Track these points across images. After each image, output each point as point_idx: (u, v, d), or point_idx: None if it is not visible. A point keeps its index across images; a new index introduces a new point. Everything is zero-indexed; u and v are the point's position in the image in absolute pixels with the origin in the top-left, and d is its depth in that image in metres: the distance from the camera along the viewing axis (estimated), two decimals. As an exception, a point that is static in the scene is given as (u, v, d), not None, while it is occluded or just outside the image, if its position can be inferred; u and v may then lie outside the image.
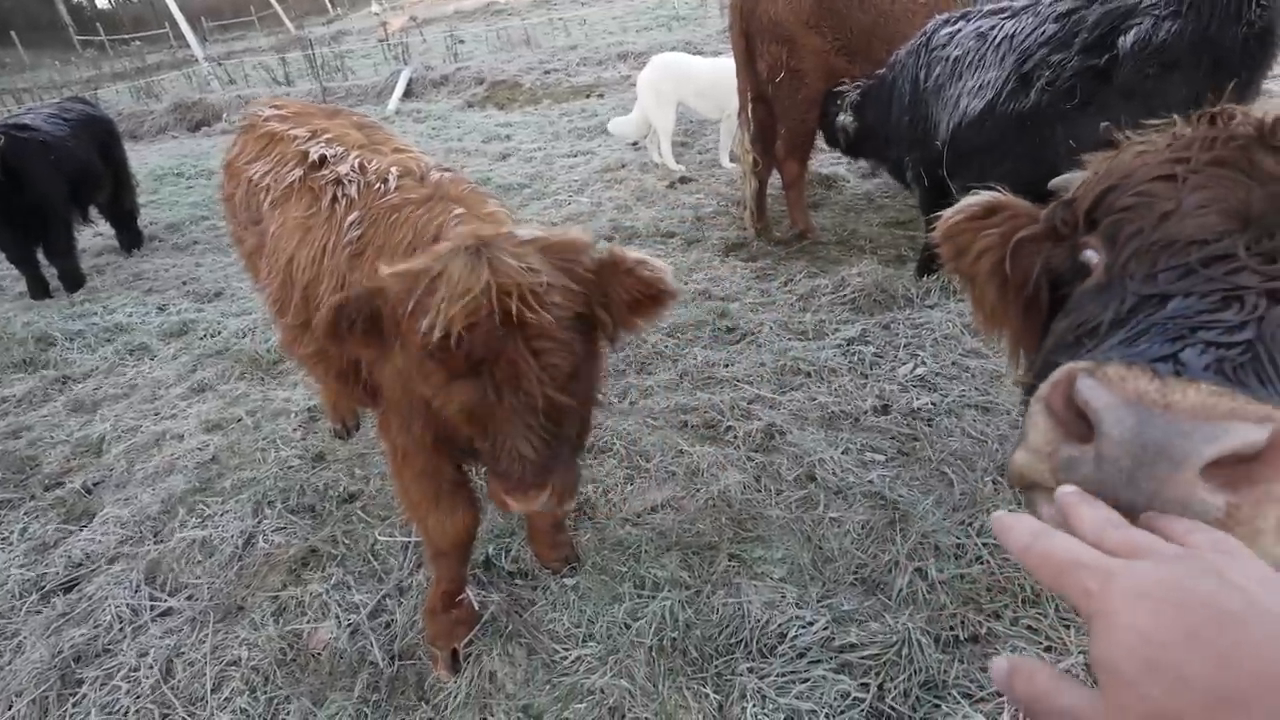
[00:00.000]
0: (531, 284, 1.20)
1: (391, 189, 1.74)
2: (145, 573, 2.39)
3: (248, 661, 2.02)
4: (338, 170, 1.86)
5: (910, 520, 2.15)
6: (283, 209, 1.96)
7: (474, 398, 1.23)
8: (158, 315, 4.43)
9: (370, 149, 1.98)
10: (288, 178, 1.97)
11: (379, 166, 1.83)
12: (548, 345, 1.22)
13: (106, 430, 3.25)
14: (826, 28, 3.58)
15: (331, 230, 1.79)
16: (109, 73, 16.67)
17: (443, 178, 1.77)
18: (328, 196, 1.84)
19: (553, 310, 1.22)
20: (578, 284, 1.28)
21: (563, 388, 1.26)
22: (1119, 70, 2.19)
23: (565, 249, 1.30)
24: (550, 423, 1.27)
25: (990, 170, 2.73)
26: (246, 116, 2.36)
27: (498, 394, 1.22)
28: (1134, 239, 0.73)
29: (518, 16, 15.16)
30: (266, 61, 14.02)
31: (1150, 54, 2.13)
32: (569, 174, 6.07)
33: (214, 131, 10.87)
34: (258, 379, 3.55)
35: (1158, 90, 2.16)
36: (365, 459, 2.82)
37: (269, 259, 2.03)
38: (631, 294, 1.33)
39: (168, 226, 6.31)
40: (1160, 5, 2.12)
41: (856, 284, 3.41)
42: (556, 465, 1.31)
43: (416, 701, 1.89)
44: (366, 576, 2.27)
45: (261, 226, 2.08)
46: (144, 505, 2.70)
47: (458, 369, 1.21)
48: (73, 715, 1.96)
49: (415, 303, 1.23)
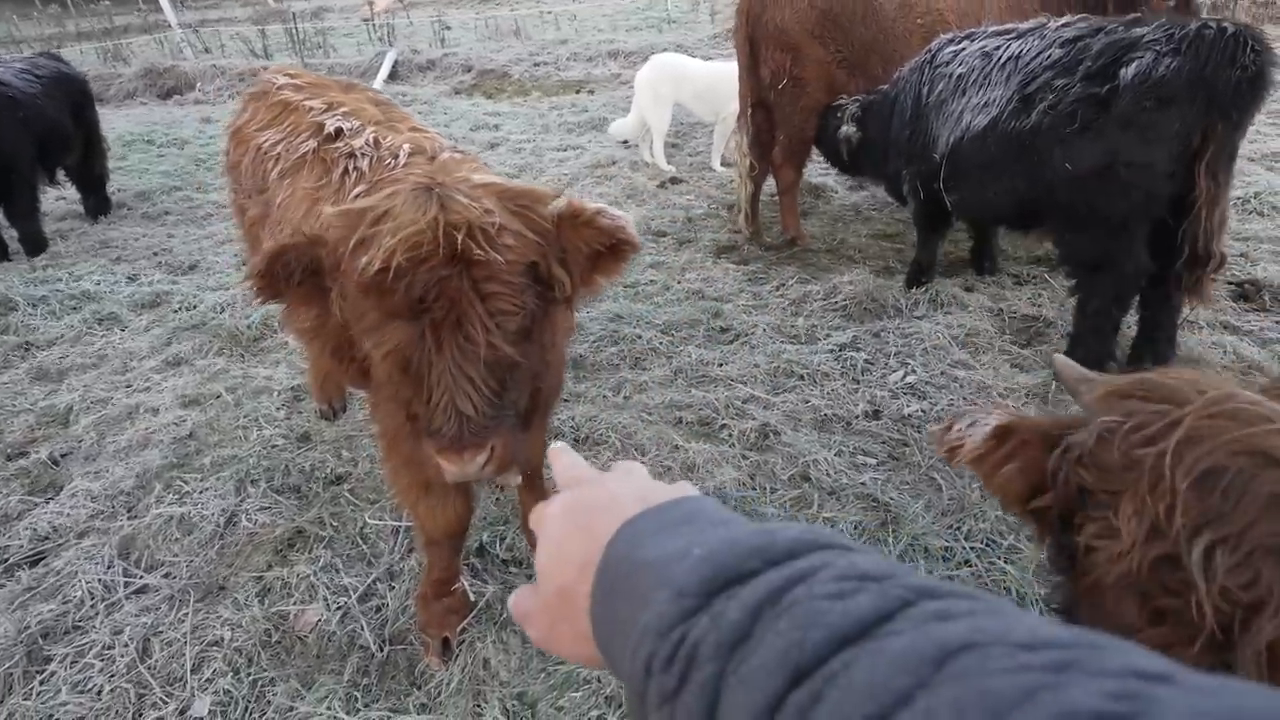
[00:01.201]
0: (483, 222, 1.11)
1: (400, 165, 1.72)
2: (119, 548, 2.30)
3: (230, 642, 1.96)
4: (352, 144, 1.83)
5: (901, 523, 2.21)
6: (293, 179, 1.91)
7: (409, 341, 1.12)
8: (128, 285, 4.26)
9: (387, 125, 1.95)
10: (300, 148, 1.92)
11: (393, 143, 1.81)
12: (496, 289, 1.12)
13: (74, 400, 3.11)
14: (830, 39, 3.65)
15: (338, 203, 1.76)
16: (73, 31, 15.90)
17: (450, 158, 1.75)
18: (339, 169, 1.80)
19: (505, 253, 1.12)
20: (534, 233, 1.19)
21: (510, 339, 1.16)
22: (1118, 100, 2.29)
23: (523, 196, 1.22)
24: (493, 379, 1.16)
25: (988, 185, 2.82)
26: (257, 82, 2.30)
27: (437, 338, 1.11)
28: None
29: (507, 6, 14.99)
30: (244, 33, 13.59)
31: (1149, 88, 2.23)
32: (559, 167, 6.04)
33: (186, 100, 10.49)
34: (237, 355, 3.45)
35: (1153, 123, 2.26)
36: (353, 441, 2.76)
37: (273, 229, 1.98)
38: (591, 245, 1.25)
39: (137, 195, 6.06)
40: (1161, 42, 2.22)
41: (848, 291, 3.48)
42: (498, 428, 1.19)
43: (408, 687, 1.86)
44: (356, 560, 2.22)
45: (266, 196, 2.02)
46: (116, 479, 2.60)
47: (395, 308, 1.11)
48: (40, 693, 1.87)
49: (357, 240, 1.13)
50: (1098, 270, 2.60)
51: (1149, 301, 2.68)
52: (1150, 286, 2.61)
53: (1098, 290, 2.63)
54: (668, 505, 0.51)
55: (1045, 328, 3.18)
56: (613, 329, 3.35)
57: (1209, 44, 2.14)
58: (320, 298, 1.27)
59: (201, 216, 5.51)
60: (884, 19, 3.61)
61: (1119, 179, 2.40)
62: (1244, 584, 0.62)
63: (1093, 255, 2.60)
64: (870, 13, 3.59)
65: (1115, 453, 0.75)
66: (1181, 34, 2.24)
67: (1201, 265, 2.43)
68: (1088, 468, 0.78)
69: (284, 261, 1.22)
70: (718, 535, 0.44)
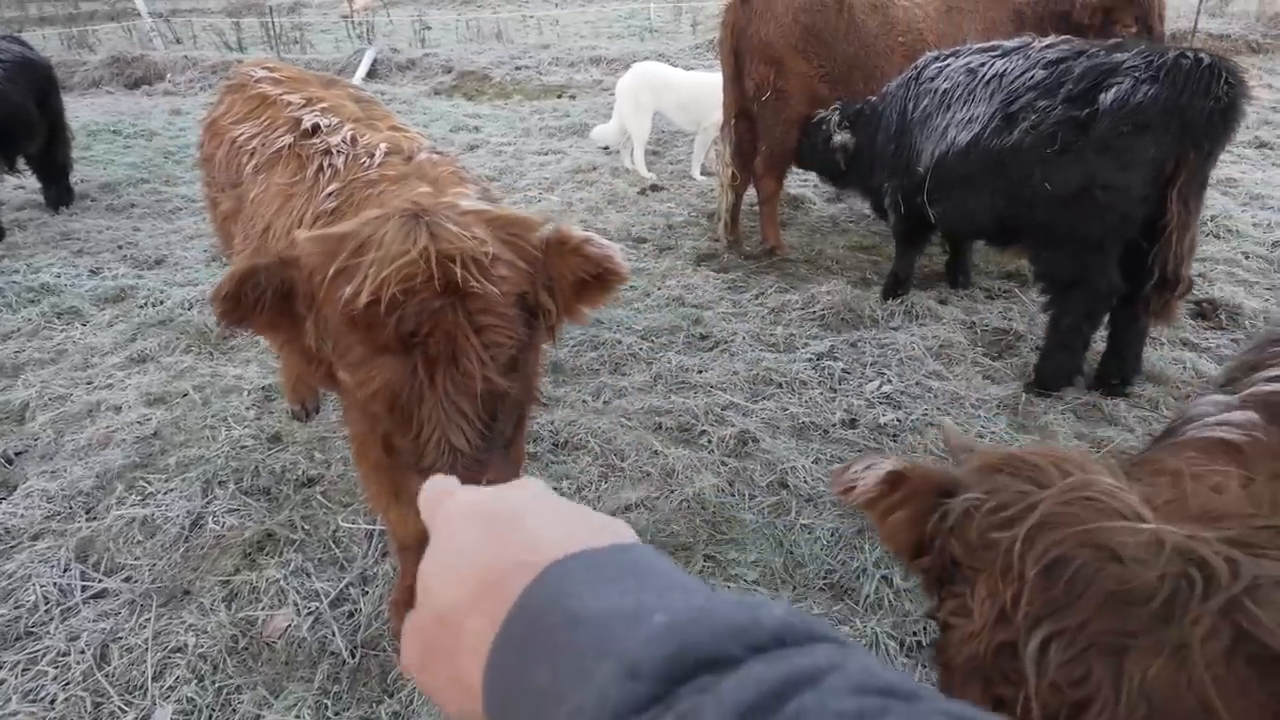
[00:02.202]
0: (477, 252, 1.08)
1: (375, 164, 1.69)
2: (76, 551, 2.21)
3: (195, 649, 1.90)
4: (329, 141, 1.79)
5: (877, 530, 2.23)
6: (267, 174, 1.88)
7: (400, 377, 1.08)
8: (90, 279, 4.11)
9: (365, 123, 1.92)
10: (276, 143, 1.89)
11: (370, 141, 1.78)
12: (491, 321, 1.09)
13: (31, 397, 2.99)
14: (813, 54, 3.71)
15: (311, 201, 1.73)
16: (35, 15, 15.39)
17: (427, 159, 1.72)
18: (314, 165, 1.76)
19: (499, 284, 1.09)
20: (524, 262, 1.16)
21: (502, 371, 1.13)
22: (1097, 124, 2.36)
23: (512, 224, 1.19)
24: (485, 411, 1.13)
25: (969, 199, 2.89)
26: (234, 75, 2.25)
27: (430, 374, 1.07)
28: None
29: (489, 9, 14.94)
30: (217, 24, 13.30)
31: (1127, 113, 2.30)
32: (540, 171, 6.02)
33: (155, 91, 10.20)
34: (206, 353, 3.35)
35: (1129, 148, 2.34)
36: (326, 442, 2.70)
37: (245, 225, 1.94)
38: (577, 274, 1.22)
39: (102, 186, 5.87)
40: (1140, 69, 2.30)
41: (826, 301, 3.52)
42: (490, 459, 1.16)
43: (380, 694, 1.82)
44: (328, 564, 2.17)
45: (240, 191, 1.98)
46: (75, 479, 2.50)
47: (384, 343, 1.06)
48: (-11, 702, 1.79)
49: (338, 268, 1.08)
50: (1071, 287, 2.68)
51: (1118, 320, 2.76)
52: (1120, 306, 2.69)
53: (1070, 307, 2.71)
54: (613, 549, 0.40)
55: (1016, 341, 3.26)
56: (592, 334, 3.35)
57: (1185, 74, 2.22)
58: (290, 324, 1.20)
59: (170, 210, 5.35)
60: (866, 36, 3.69)
61: (1095, 201, 2.47)
62: (1074, 680, 0.61)
63: (1067, 273, 2.68)
64: (853, 29, 3.67)
65: (974, 531, 0.74)
66: (1160, 61, 2.31)
67: (1170, 289, 2.52)
68: (957, 540, 0.77)
69: (253, 283, 1.15)
70: (680, 600, 0.35)
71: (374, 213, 1.16)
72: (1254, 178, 4.95)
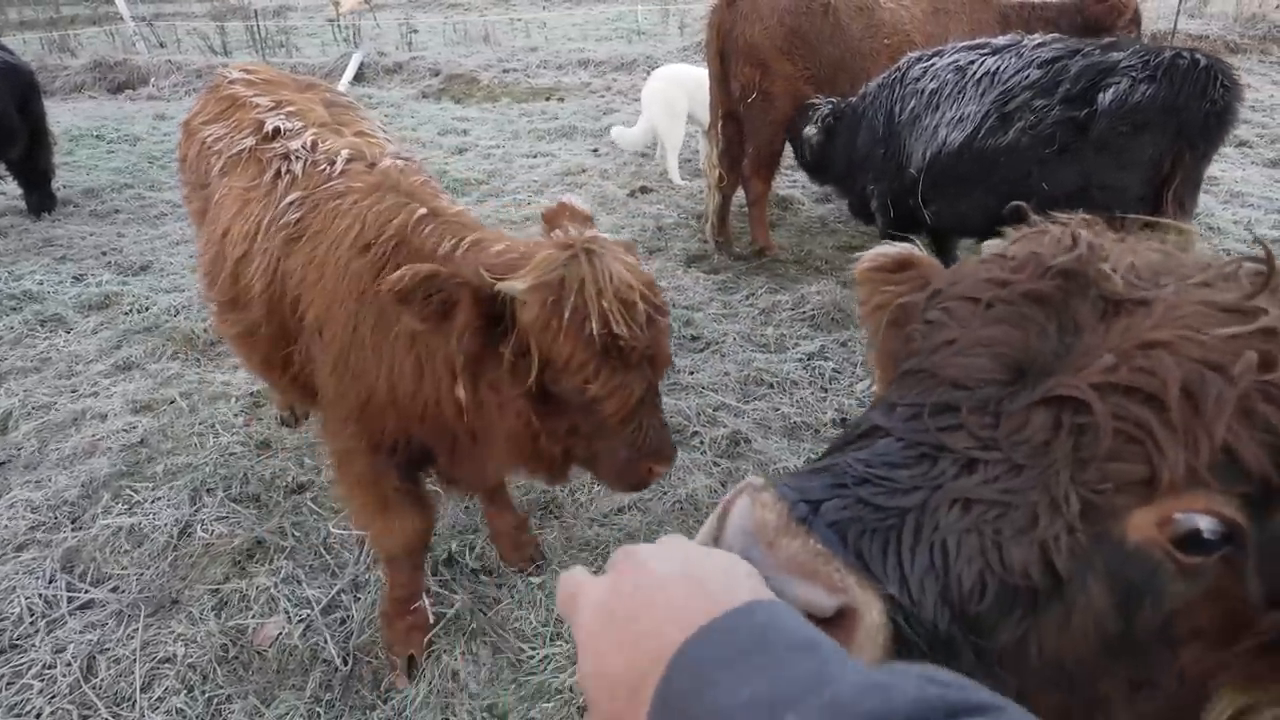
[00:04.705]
0: (652, 280, 1.39)
1: (336, 173, 1.70)
2: (62, 561, 2.18)
3: (184, 659, 1.88)
4: (289, 145, 1.79)
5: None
6: (229, 177, 1.87)
7: (646, 385, 1.36)
8: (74, 285, 4.06)
9: (330, 128, 1.91)
10: (238, 145, 1.89)
11: (330, 147, 1.77)
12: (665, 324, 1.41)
13: (14, 406, 2.95)
14: (799, 56, 3.72)
15: (269, 207, 1.72)
16: (15, 19, 15.19)
17: (392, 166, 1.73)
18: (271, 170, 1.77)
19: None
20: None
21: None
22: (1095, 124, 2.37)
23: (630, 250, 1.45)
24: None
25: (962, 199, 2.90)
26: (215, 76, 2.24)
27: (655, 379, 1.39)
28: (911, 359, 0.66)
29: (476, 12, 14.90)
30: (201, 28, 13.18)
31: (1125, 113, 2.32)
32: (529, 174, 6.01)
33: (139, 96, 10.10)
34: (193, 359, 3.32)
35: (1127, 148, 2.35)
36: (316, 449, 2.68)
37: (206, 228, 1.93)
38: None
39: (85, 192, 5.80)
40: (1137, 68, 2.31)
41: (816, 301, 3.54)
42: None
43: (374, 701, 1.81)
44: (319, 571, 2.16)
45: (207, 192, 1.98)
46: (60, 489, 2.47)
47: (634, 362, 1.33)
48: (-27, 717, 1.76)
49: (572, 309, 1.27)
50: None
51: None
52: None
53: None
54: (734, 618, 0.41)
55: (1003, 339, 3.28)
56: (584, 336, 3.34)
57: (1182, 74, 2.23)
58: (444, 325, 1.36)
59: (155, 216, 5.29)
60: (851, 38, 3.71)
61: (1093, 201, 2.48)
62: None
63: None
64: (838, 32, 3.69)
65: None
66: (1157, 61, 2.33)
67: None
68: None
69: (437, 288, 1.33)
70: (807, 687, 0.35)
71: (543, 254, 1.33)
72: (1234, 175, 5.02)
